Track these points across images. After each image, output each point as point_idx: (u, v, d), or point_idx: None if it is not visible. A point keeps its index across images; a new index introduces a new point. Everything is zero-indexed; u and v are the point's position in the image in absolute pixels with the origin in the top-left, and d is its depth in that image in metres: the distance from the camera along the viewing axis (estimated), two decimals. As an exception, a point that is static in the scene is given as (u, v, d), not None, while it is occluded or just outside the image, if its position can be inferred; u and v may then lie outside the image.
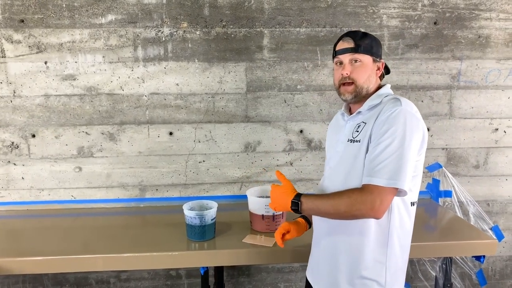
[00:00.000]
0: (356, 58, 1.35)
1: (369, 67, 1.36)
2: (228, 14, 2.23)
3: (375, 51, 1.37)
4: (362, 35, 1.37)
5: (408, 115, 1.25)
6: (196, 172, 2.37)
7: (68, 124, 2.27)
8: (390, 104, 1.29)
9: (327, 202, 1.28)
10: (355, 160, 1.33)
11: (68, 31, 2.19)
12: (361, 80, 1.36)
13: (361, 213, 1.24)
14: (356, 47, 1.35)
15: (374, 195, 1.21)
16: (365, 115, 1.37)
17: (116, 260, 1.78)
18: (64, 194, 2.34)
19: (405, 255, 1.41)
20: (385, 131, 1.24)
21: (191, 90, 2.29)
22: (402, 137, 1.22)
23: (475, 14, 2.33)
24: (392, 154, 1.22)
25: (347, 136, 1.39)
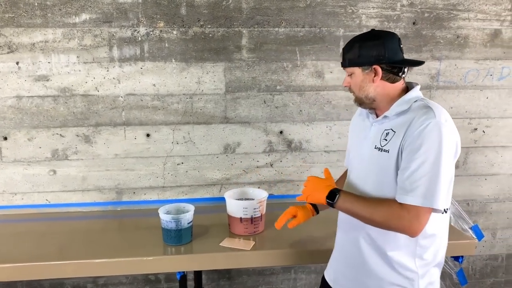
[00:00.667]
0: (348, 72, 1.37)
1: (359, 79, 1.33)
2: (205, 13, 2.19)
3: (364, 59, 1.30)
4: (350, 45, 1.34)
5: (442, 129, 1.19)
6: (174, 175, 2.33)
7: (41, 126, 2.21)
8: (423, 115, 1.22)
9: (364, 206, 1.27)
10: (385, 172, 1.29)
11: (40, 30, 2.12)
12: (356, 92, 1.36)
13: (397, 228, 1.24)
14: (343, 61, 1.37)
15: (411, 215, 1.19)
16: (393, 121, 1.31)
17: (91, 266, 1.74)
18: (38, 198, 2.27)
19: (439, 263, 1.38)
20: (419, 147, 1.19)
21: (168, 90, 2.24)
22: (438, 153, 1.18)
23: (454, 14, 2.34)
24: (427, 172, 1.18)
25: (374, 142, 1.34)
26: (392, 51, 1.30)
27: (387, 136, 1.30)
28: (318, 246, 1.86)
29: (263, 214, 1.96)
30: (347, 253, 1.46)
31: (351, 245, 1.42)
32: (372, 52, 1.29)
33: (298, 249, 1.84)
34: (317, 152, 2.40)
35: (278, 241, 1.89)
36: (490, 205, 2.59)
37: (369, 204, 1.27)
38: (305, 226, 2.02)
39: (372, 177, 1.35)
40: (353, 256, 1.41)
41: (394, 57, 1.30)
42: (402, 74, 1.33)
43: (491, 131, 2.49)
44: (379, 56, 1.29)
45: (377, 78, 1.31)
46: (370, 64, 1.30)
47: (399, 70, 1.32)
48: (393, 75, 1.32)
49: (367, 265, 1.37)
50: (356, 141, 1.49)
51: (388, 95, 1.32)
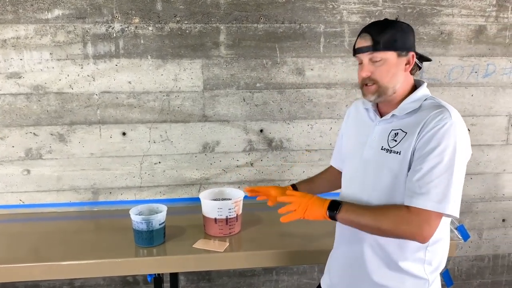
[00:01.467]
0: (375, 57, 1.19)
1: (393, 65, 1.19)
2: (182, 9, 2.14)
3: (401, 43, 1.18)
4: (382, 27, 1.19)
5: (458, 131, 1.12)
6: (151, 174, 2.28)
7: (14, 125, 2.15)
8: (438, 115, 1.14)
9: (369, 214, 1.16)
10: (396, 175, 1.19)
11: (12, 26, 2.07)
12: (384, 80, 1.20)
13: (405, 235, 1.14)
14: (375, 44, 1.18)
15: (421, 219, 1.10)
16: (402, 120, 1.22)
17: (64, 268, 1.69)
18: (12, 198, 2.22)
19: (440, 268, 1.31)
20: (433, 148, 1.10)
21: (144, 88, 2.19)
22: (452, 156, 1.10)
23: (437, 10, 2.29)
24: (441, 174, 1.09)
25: (379, 143, 1.24)
26: (415, 43, 1.25)
27: (396, 136, 1.20)
28: (297, 247, 1.80)
29: (239, 214, 1.91)
30: (352, 267, 1.34)
31: (356, 259, 1.31)
32: (409, 37, 1.21)
33: (275, 251, 1.78)
34: (298, 151, 2.35)
35: (255, 243, 1.85)
36: (476, 204, 2.55)
37: (374, 212, 1.17)
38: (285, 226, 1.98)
39: (381, 181, 1.23)
40: (359, 270, 1.31)
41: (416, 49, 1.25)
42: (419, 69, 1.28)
43: (476, 130, 2.44)
44: (412, 43, 1.21)
45: (408, 67, 1.21)
46: (407, 50, 1.20)
47: (421, 63, 1.27)
48: (416, 67, 1.25)
49: (375, 277, 1.27)
50: (354, 142, 1.37)
51: (405, 89, 1.24)
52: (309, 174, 2.36)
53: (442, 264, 1.30)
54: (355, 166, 1.33)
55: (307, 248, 1.79)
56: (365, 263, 1.28)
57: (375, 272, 1.27)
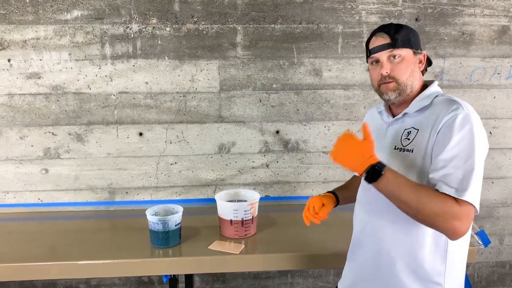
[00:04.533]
0: (395, 54, 1.21)
1: (411, 61, 1.22)
2: (199, 9, 2.14)
3: (414, 42, 1.23)
4: (397, 27, 1.23)
5: (473, 121, 1.10)
6: (167, 175, 2.28)
7: (33, 124, 2.18)
8: (448, 106, 1.14)
9: (415, 193, 1.08)
10: (407, 171, 1.17)
11: (32, 27, 2.10)
12: (404, 76, 1.21)
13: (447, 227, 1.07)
14: (393, 41, 1.20)
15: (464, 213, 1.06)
16: (414, 118, 1.21)
17: (80, 268, 1.70)
18: (30, 197, 2.25)
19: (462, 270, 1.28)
20: (450, 141, 1.09)
21: (161, 88, 2.19)
22: (472, 146, 1.08)
23: (459, 10, 2.23)
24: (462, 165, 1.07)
25: (393, 143, 1.23)
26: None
27: (409, 135, 1.20)
28: (313, 251, 1.78)
29: (254, 216, 1.89)
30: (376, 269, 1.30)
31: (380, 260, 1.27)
32: (417, 38, 1.25)
33: (291, 254, 1.76)
34: (314, 153, 2.32)
35: (270, 245, 1.83)
36: (497, 209, 2.48)
37: (419, 190, 1.08)
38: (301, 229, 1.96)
39: None
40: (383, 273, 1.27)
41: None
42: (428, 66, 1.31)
43: (499, 133, 2.38)
44: (420, 43, 1.26)
45: (421, 66, 1.25)
46: (420, 49, 1.25)
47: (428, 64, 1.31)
48: (426, 67, 1.29)
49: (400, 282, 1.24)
50: None
51: (416, 88, 1.25)
52: (325, 176, 2.34)
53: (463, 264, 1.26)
54: None
55: (323, 252, 1.76)
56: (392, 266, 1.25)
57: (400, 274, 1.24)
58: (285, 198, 2.35)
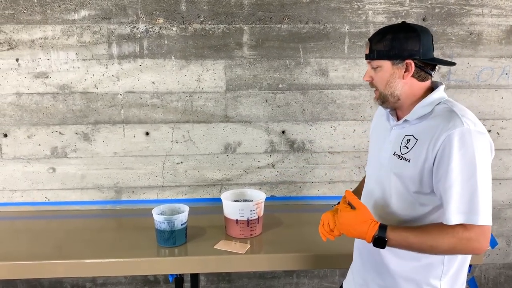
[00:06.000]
0: (372, 65, 1.23)
1: (387, 73, 1.20)
2: (206, 9, 2.14)
3: (396, 52, 1.18)
4: (382, 36, 1.21)
5: (473, 137, 1.09)
6: (173, 174, 2.29)
7: (41, 124, 2.20)
8: (446, 121, 1.12)
9: (423, 240, 1.12)
10: (404, 181, 1.20)
11: (40, 27, 2.11)
12: (381, 87, 1.23)
13: (465, 252, 1.15)
14: (370, 53, 1.23)
15: (478, 234, 1.08)
16: (414, 125, 1.21)
17: (86, 266, 1.72)
18: (38, 195, 2.27)
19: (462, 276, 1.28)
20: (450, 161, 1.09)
21: (167, 88, 2.20)
22: (473, 165, 1.07)
23: (466, 9, 2.22)
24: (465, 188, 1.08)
25: (393, 148, 1.24)
26: (426, 47, 1.19)
27: (408, 143, 1.20)
28: (318, 251, 1.77)
29: (260, 216, 1.90)
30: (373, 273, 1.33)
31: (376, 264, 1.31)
32: (406, 45, 1.18)
33: (296, 254, 1.76)
34: (320, 153, 2.32)
35: (276, 245, 1.83)
36: (505, 211, 2.46)
37: (428, 235, 1.12)
38: (306, 229, 1.96)
39: (392, 185, 1.24)
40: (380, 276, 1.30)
41: (427, 54, 1.20)
42: (433, 73, 1.24)
43: (506, 133, 2.36)
44: (413, 50, 1.18)
45: (407, 75, 1.19)
46: (403, 58, 1.18)
47: (432, 68, 1.23)
48: (424, 73, 1.21)
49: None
50: (376, 144, 1.37)
51: (414, 94, 1.22)
52: (331, 176, 2.34)
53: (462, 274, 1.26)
54: (375, 165, 1.33)
55: (329, 252, 1.76)
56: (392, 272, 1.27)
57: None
58: (290, 198, 2.35)
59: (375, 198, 1.31)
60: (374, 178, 1.33)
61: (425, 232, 1.12)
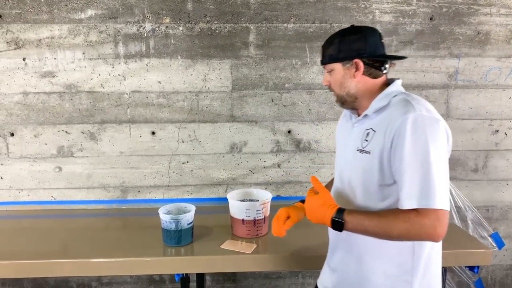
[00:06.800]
0: (327, 69, 1.31)
1: (339, 74, 1.27)
2: (212, 9, 2.14)
3: (344, 53, 1.25)
4: (330, 41, 1.28)
5: (425, 122, 1.11)
6: (179, 173, 2.29)
7: (47, 123, 2.20)
8: (400, 109, 1.15)
9: (377, 224, 1.14)
10: (367, 173, 1.21)
11: (46, 26, 2.11)
12: (336, 89, 1.30)
13: (420, 238, 1.14)
14: (323, 58, 1.31)
15: (432, 219, 1.08)
16: (373, 119, 1.23)
17: (92, 266, 1.71)
18: (44, 194, 2.27)
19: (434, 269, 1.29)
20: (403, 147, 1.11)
21: (174, 88, 2.20)
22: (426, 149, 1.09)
23: (474, 9, 2.21)
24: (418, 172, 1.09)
25: (356, 144, 1.26)
26: (373, 45, 1.24)
27: (367, 136, 1.23)
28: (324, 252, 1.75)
29: (266, 216, 1.89)
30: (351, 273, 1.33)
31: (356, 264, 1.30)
32: (353, 46, 1.24)
33: (302, 254, 1.76)
34: (326, 153, 2.31)
35: (282, 245, 1.82)
36: (512, 211, 2.45)
37: (382, 219, 1.14)
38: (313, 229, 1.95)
39: (356, 180, 1.26)
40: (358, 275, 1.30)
41: (376, 51, 1.25)
42: (384, 69, 1.26)
43: (514, 134, 2.35)
44: (360, 49, 1.23)
45: (358, 73, 1.24)
46: (351, 58, 1.24)
47: (381, 64, 1.25)
48: (375, 70, 1.25)
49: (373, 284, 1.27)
50: (341, 144, 1.41)
51: (370, 91, 1.26)
52: (337, 176, 2.32)
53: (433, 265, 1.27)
54: (341, 164, 1.36)
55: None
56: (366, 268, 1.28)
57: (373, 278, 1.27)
58: (296, 198, 2.32)
59: (343, 195, 1.33)
60: (341, 176, 1.35)
61: (380, 217, 1.15)
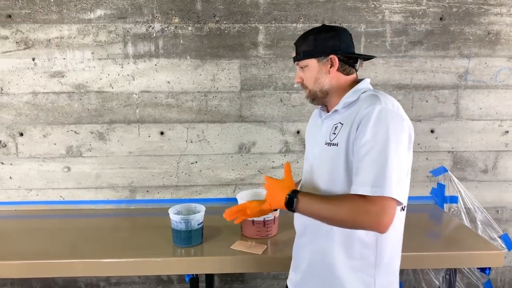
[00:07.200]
0: (300, 65, 1.32)
1: (314, 70, 1.29)
2: (221, 9, 2.14)
3: (319, 50, 1.27)
4: (304, 38, 1.30)
5: (389, 114, 1.13)
6: (188, 174, 2.28)
7: (56, 123, 2.20)
8: (367, 102, 1.18)
9: (326, 206, 1.16)
10: (335, 166, 1.22)
11: (56, 26, 2.12)
12: (310, 85, 1.31)
13: (365, 226, 1.12)
14: (297, 55, 1.32)
15: (377, 207, 1.09)
16: (342, 114, 1.26)
17: (101, 266, 1.71)
18: (53, 194, 2.27)
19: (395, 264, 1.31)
20: (364, 135, 1.13)
21: (182, 88, 2.20)
22: (385, 139, 1.10)
23: (484, 9, 2.19)
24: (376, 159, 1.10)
25: (324, 138, 1.28)
26: (346, 43, 1.29)
27: (335, 130, 1.25)
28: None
29: (276, 217, 1.88)
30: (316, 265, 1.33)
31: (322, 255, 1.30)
32: (328, 43, 1.27)
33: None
34: (335, 153, 2.30)
35: (292, 246, 1.81)
36: (522, 213, 2.43)
37: (331, 202, 1.16)
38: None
39: (323, 174, 1.27)
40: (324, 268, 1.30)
41: (348, 49, 1.29)
42: (356, 66, 1.31)
43: (524, 134, 2.34)
44: (335, 46, 1.27)
45: (333, 69, 1.27)
46: (327, 54, 1.27)
47: (354, 61, 1.30)
48: (348, 67, 1.29)
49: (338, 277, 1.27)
50: (310, 142, 1.42)
51: (341, 88, 1.29)
52: (346, 177, 2.32)
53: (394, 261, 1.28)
54: (310, 160, 1.37)
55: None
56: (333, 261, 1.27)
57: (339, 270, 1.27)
58: (305, 199, 2.33)
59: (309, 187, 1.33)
60: (308, 170, 1.36)
61: (329, 199, 1.18)
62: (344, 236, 1.24)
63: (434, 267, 2.11)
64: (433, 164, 2.33)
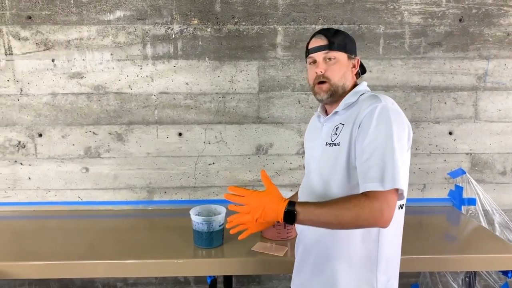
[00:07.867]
0: (330, 56, 1.28)
1: (344, 64, 1.29)
2: (240, 10, 2.14)
3: (349, 48, 1.30)
4: (335, 32, 1.31)
5: (390, 111, 1.16)
6: (205, 175, 2.29)
7: (75, 124, 2.21)
8: (368, 101, 1.20)
9: (328, 212, 1.11)
10: (335, 164, 1.23)
11: (75, 28, 2.12)
12: (336, 78, 1.28)
13: (368, 223, 1.11)
14: (330, 44, 1.28)
15: (380, 202, 1.09)
16: (342, 115, 1.27)
17: (120, 267, 1.71)
18: (71, 195, 2.28)
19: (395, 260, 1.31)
20: (367, 132, 1.14)
21: (201, 89, 2.20)
22: (388, 135, 1.12)
23: (504, 10, 2.18)
24: (381, 154, 1.12)
25: (325, 140, 1.29)
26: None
27: (337, 130, 1.26)
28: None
29: (296, 218, 1.88)
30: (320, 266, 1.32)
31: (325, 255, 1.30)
32: (353, 45, 1.33)
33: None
34: (353, 155, 2.29)
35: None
36: (540, 215, 2.42)
37: (332, 207, 1.11)
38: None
39: (322, 175, 1.27)
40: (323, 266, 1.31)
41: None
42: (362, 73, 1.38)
43: (543, 136, 2.32)
44: (355, 50, 1.33)
45: (354, 70, 1.32)
46: (355, 54, 1.33)
47: (362, 70, 1.39)
48: (359, 71, 1.36)
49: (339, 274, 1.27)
50: (309, 146, 1.43)
51: (348, 90, 1.31)
52: (364, 178, 2.31)
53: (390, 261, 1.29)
54: (310, 163, 1.37)
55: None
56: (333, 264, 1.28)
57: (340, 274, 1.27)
58: (322, 200, 2.33)
59: (316, 193, 1.31)
60: (309, 175, 1.36)
61: (331, 204, 1.13)
62: (346, 235, 1.24)
63: (453, 270, 2.10)
64: (451, 166, 2.32)
